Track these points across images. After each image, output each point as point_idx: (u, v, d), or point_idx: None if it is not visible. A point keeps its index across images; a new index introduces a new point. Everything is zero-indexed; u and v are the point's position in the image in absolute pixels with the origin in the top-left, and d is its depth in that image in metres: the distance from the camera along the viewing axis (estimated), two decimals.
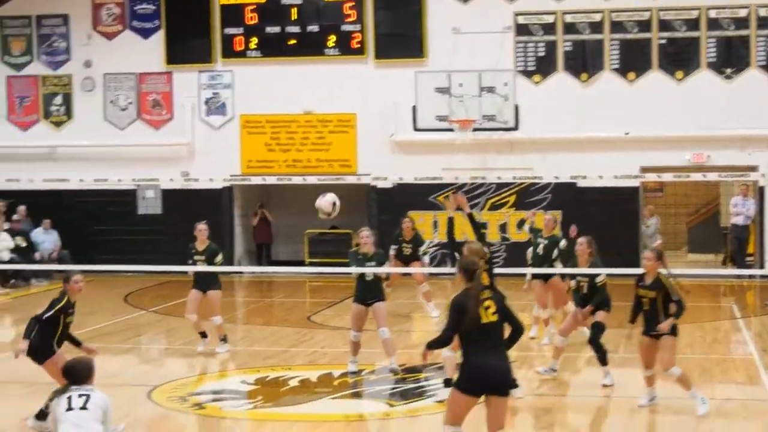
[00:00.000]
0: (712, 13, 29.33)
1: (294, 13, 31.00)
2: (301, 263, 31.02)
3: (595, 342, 16.02)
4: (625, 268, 18.03)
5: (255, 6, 31.16)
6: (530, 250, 19.81)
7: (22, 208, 30.97)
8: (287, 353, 19.06)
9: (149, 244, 28.57)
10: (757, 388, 16.14)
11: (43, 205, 31.00)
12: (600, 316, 16.10)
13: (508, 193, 30.00)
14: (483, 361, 10.53)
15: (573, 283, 16.58)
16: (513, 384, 11.18)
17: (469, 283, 10.76)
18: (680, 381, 14.25)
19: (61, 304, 13.57)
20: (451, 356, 14.00)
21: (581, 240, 16.63)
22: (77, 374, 10.21)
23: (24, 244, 29.87)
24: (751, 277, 28.75)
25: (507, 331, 10.88)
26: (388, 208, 30.09)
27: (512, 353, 11.07)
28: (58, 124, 32.72)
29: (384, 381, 16.35)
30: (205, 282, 18.73)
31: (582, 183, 26.99)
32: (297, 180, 28.69)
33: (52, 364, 13.39)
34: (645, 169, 27.65)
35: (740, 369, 17.57)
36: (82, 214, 31.68)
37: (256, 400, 15.54)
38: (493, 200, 30.11)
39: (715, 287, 28.07)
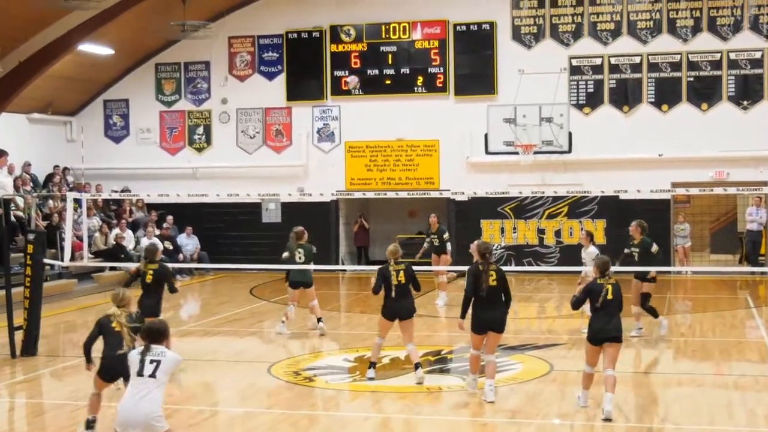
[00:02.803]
0: (732, 55, 28.92)
1: (390, 59, 31.00)
2: None
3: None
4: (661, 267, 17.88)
5: (358, 53, 31.21)
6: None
7: (170, 218, 31.20)
8: None
9: (271, 246, 28.54)
10: (767, 366, 15.82)
11: (186, 215, 31.26)
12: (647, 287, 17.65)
13: (562, 204, 29.77)
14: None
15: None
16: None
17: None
18: None
19: None
20: (378, 343, 14.72)
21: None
22: (154, 334, 9.29)
23: (171, 247, 30.11)
24: (763, 273, 28.31)
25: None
26: (464, 217, 30.01)
27: None
28: (199, 149, 32.96)
29: (460, 359, 16.17)
30: None
31: (623, 196, 26.74)
32: (390, 194, 28.79)
33: None
34: (675, 184, 27.38)
35: (753, 350, 17.27)
36: (217, 222, 31.94)
37: (355, 375, 15.52)
38: (549, 210, 29.88)
39: (733, 282, 27.80)
